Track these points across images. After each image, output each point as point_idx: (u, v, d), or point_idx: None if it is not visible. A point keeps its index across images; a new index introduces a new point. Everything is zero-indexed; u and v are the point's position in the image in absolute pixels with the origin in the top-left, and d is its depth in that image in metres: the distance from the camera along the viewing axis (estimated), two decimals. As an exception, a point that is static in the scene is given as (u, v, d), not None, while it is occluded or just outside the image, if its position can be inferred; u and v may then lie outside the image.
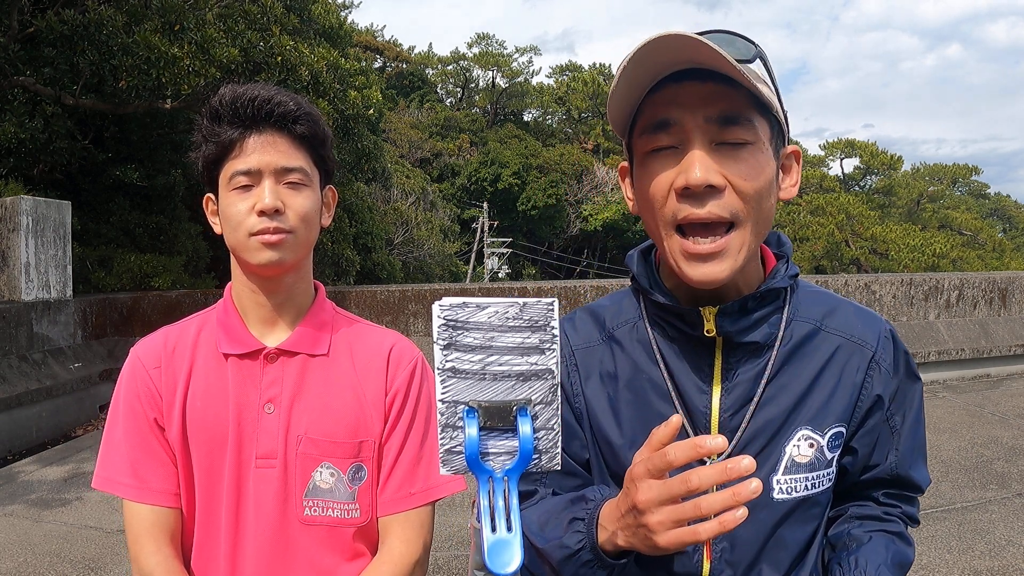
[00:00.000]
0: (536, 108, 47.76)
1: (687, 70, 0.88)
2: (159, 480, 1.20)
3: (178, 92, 7.95)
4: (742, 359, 0.99)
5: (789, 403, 0.99)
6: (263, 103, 1.15)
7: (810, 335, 1.02)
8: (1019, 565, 3.54)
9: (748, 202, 0.89)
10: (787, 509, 0.99)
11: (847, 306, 1.07)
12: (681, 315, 0.99)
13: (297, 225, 1.17)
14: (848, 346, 1.02)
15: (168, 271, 9.35)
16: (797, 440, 0.99)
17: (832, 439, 1.00)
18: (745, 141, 0.89)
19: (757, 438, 0.98)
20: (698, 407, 0.99)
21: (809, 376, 1.00)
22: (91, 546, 3.94)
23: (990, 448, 5.40)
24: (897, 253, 23.87)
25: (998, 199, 52.24)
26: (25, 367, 6.19)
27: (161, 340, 1.25)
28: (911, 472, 1.07)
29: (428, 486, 1.25)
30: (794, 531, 1.00)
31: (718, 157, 0.88)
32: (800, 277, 1.07)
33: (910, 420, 1.07)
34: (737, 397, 0.99)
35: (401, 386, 1.26)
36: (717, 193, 0.88)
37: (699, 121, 0.88)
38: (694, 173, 0.86)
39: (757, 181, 0.89)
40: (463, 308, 0.85)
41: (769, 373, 0.99)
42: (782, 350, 1.00)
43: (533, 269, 39.94)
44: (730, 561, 0.99)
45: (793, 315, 1.02)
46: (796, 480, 0.99)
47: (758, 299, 0.97)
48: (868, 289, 7.74)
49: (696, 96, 0.88)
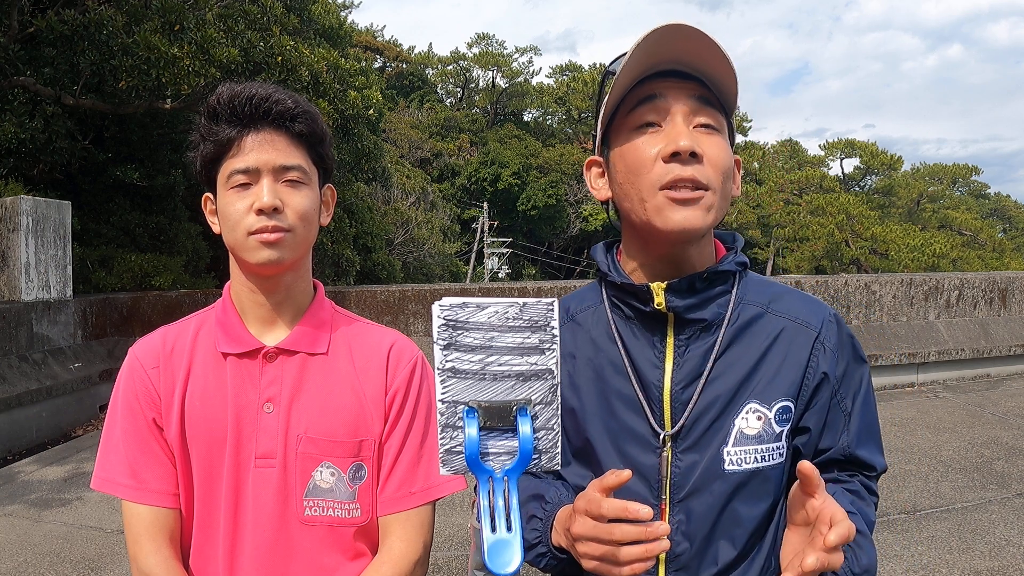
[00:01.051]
0: (536, 108, 47.75)
1: (670, 71, 1.03)
2: (158, 480, 1.20)
3: (178, 92, 7.95)
4: (692, 336, 1.08)
5: (737, 378, 1.06)
6: (261, 101, 1.15)
7: (757, 317, 1.10)
8: (1019, 565, 3.54)
9: (718, 175, 1.03)
10: (739, 481, 1.05)
11: (793, 293, 1.15)
12: (635, 293, 1.08)
13: (296, 223, 1.16)
14: (793, 327, 1.10)
15: (168, 271, 9.35)
16: (745, 413, 1.06)
17: (779, 412, 1.07)
18: (715, 127, 1.05)
19: (708, 411, 1.06)
20: (652, 381, 1.08)
21: (756, 353, 1.08)
22: (91, 546, 3.94)
23: (990, 448, 5.39)
24: (897, 253, 23.86)
25: (998, 199, 52.21)
26: (25, 367, 6.19)
27: (159, 340, 1.25)
28: (861, 452, 1.12)
29: (428, 485, 1.25)
30: (748, 507, 1.06)
31: (695, 135, 1.03)
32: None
33: (859, 401, 1.12)
34: (688, 372, 1.07)
35: (401, 385, 1.25)
36: (698, 160, 1.02)
37: (682, 97, 1.03)
38: (683, 141, 1.01)
39: (725, 160, 1.04)
40: (463, 308, 0.85)
41: (718, 350, 1.07)
42: (730, 329, 1.08)
43: (533, 269, 39.94)
44: (686, 533, 1.05)
45: (741, 298, 1.11)
46: (746, 452, 1.05)
47: (705, 280, 1.06)
48: (868, 289, 7.73)
49: (678, 89, 1.04)
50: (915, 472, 4.89)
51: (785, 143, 47.87)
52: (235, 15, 8.43)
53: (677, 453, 1.06)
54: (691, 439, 1.06)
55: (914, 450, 5.36)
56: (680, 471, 1.05)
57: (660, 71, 1.04)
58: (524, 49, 46.63)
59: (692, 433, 1.06)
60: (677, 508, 1.06)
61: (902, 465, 5.02)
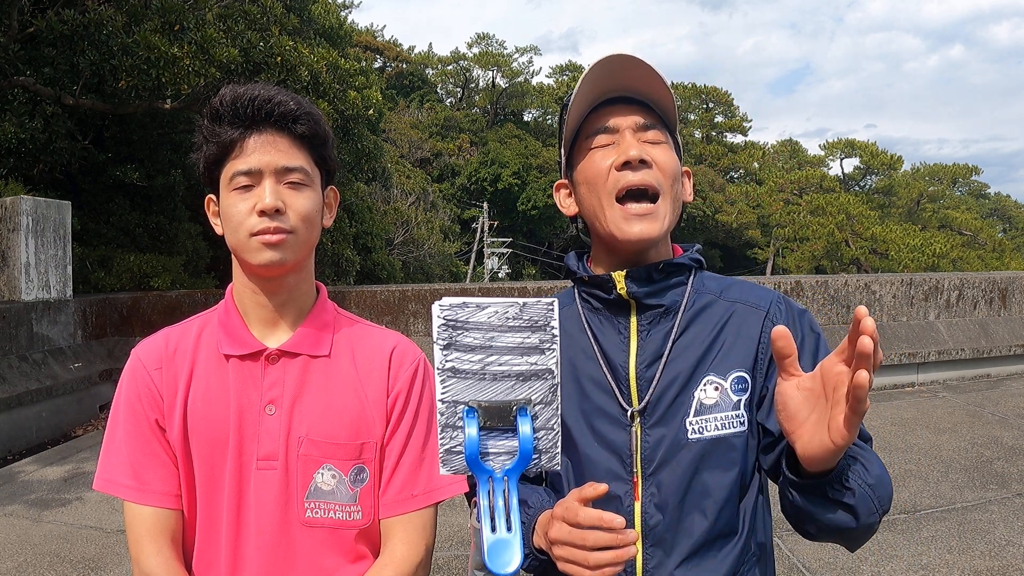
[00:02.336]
0: (536, 108, 47.73)
1: (617, 98, 1.18)
2: (160, 481, 1.20)
3: (178, 92, 7.95)
4: (653, 321, 1.19)
5: (695, 356, 1.17)
6: (263, 103, 1.15)
7: (710, 303, 1.22)
8: (1019, 565, 3.54)
9: (667, 179, 1.17)
10: (702, 449, 1.13)
11: (743, 283, 1.28)
12: (599, 284, 1.21)
13: (298, 225, 1.16)
14: (743, 309, 1.21)
15: (168, 271, 9.35)
16: (703, 385, 1.15)
17: (735, 382, 1.16)
18: (660, 141, 1.19)
19: (670, 387, 1.16)
20: (619, 363, 1.18)
21: (712, 333, 1.19)
22: (91, 546, 3.94)
23: (990, 448, 5.40)
24: (897, 253, 23.85)
25: (998, 199, 52.21)
26: (25, 367, 6.19)
27: (162, 341, 1.25)
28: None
29: (430, 488, 1.25)
30: (715, 476, 1.13)
31: (643, 146, 1.17)
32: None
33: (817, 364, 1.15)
34: (650, 353, 1.18)
35: (403, 387, 1.25)
36: (647, 166, 1.15)
37: (629, 124, 1.18)
38: (632, 151, 1.15)
39: (672, 166, 1.18)
40: (463, 308, 0.85)
41: (676, 332, 1.19)
42: (687, 314, 1.20)
43: (533, 269, 39.93)
44: (659, 505, 1.13)
45: (697, 289, 1.23)
46: (706, 420, 1.14)
47: (661, 271, 1.19)
48: (868, 289, 7.73)
49: (626, 111, 1.19)
50: (915, 472, 4.89)
51: (785, 143, 47.90)
52: (235, 15, 8.43)
53: (645, 429, 1.15)
54: (657, 414, 1.15)
55: (914, 450, 5.37)
56: (649, 445, 1.14)
57: (609, 98, 1.19)
58: (524, 49, 46.67)
59: (658, 408, 1.15)
60: (649, 481, 1.14)
61: (902, 465, 5.02)
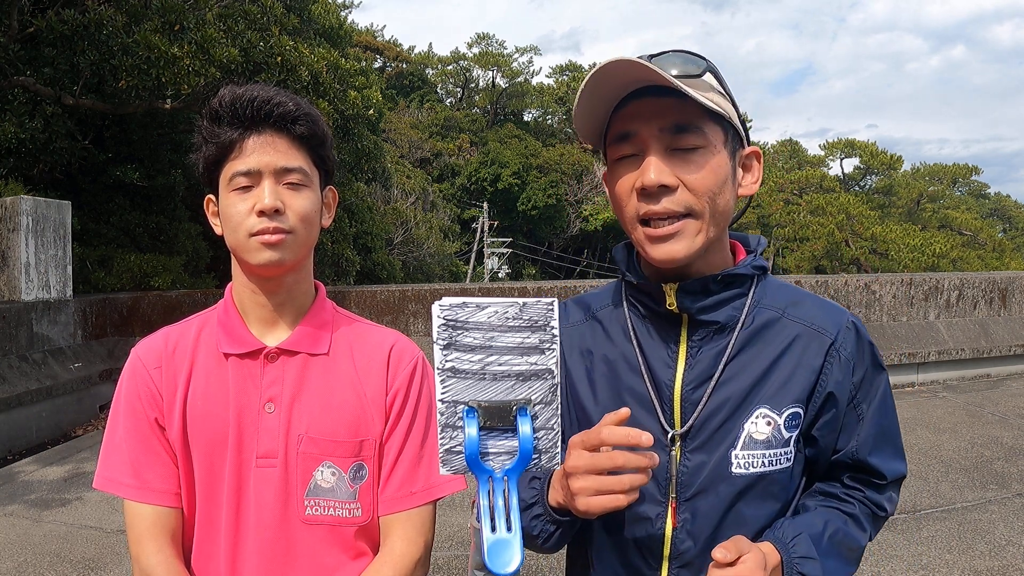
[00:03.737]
0: (536, 108, 47.74)
1: (647, 87, 1.01)
2: (160, 480, 1.20)
3: (178, 92, 7.95)
4: (705, 338, 1.08)
5: (749, 382, 1.06)
6: (262, 104, 1.15)
7: (772, 321, 1.10)
8: (1019, 565, 3.54)
9: (701, 197, 1.01)
10: (745, 484, 1.05)
11: (811, 299, 1.14)
12: (649, 292, 1.10)
13: (297, 225, 1.17)
14: (808, 333, 1.09)
15: (168, 271, 9.35)
16: (755, 418, 1.06)
17: (789, 419, 1.07)
18: (696, 146, 1.01)
19: (717, 413, 1.06)
20: (663, 380, 1.09)
21: (769, 358, 1.08)
22: (91, 546, 3.94)
23: (990, 448, 5.40)
24: (897, 253, 23.83)
25: (998, 199, 52.20)
26: (25, 367, 6.19)
27: (162, 340, 1.25)
28: (871, 458, 1.11)
29: (429, 485, 1.25)
30: (753, 508, 1.06)
31: (672, 161, 1.01)
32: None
33: (873, 407, 1.12)
34: (699, 373, 1.07)
35: (402, 385, 1.26)
36: (670, 192, 1.01)
37: (654, 131, 1.01)
38: (649, 176, 1.00)
39: (708, 180, 1.01)
40: (463, 308, 0.85)
41: (730, 353, 1.07)
42: (743, 333, 1.08)
43: (533, 269, 39.93)
44: (691, 532, 1.06)
45: (758, 302, 1.10)
46: (753, 456, 1.05)
47: (719, 282, 1.06)
48: (868, 289, 7.73)
49: (652, 109, 1.01)
50: (915, 472, 4.89)
51: (785, 143, 47.89)
52: (235, 15, 8.43)
53: (686, 453, 1.06)
54: (699, 440, 1.06)
55: (914, 450, 5.37)
56: (688, 471, 1.06)
57: (639, 89, 1.02)
58: (524, 49, 46.64)
59: (701, 434, 1.06)
60: (683, 507, 1.06)
61: (902, 465, 5.02)
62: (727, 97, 1.06)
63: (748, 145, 1.11)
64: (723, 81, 1.06)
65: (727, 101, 1.05)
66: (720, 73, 1.06)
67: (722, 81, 1.06)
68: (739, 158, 1.08)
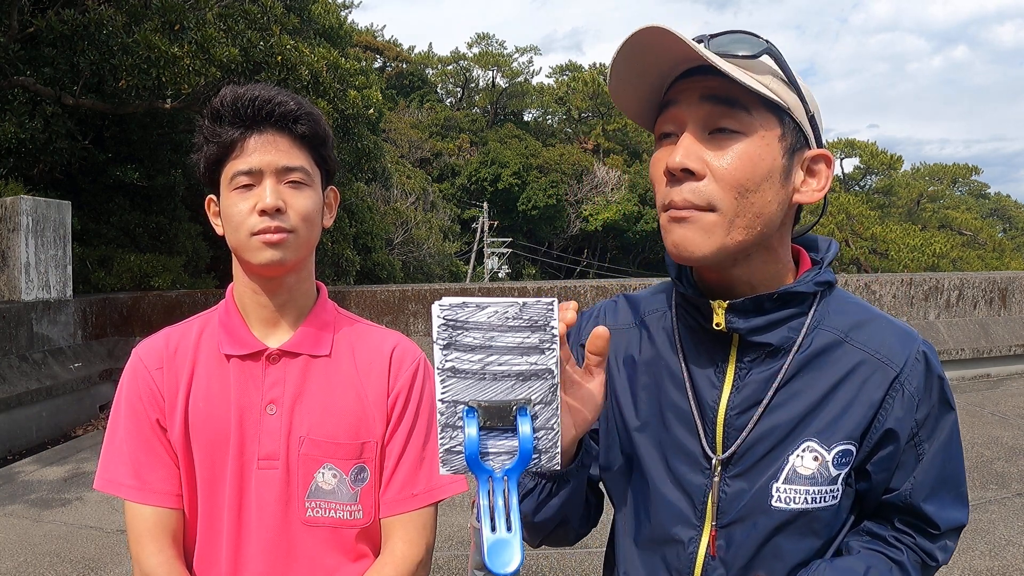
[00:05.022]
0: (536, 108, 47.76)
1: (698, 67, 0.91)
2: (161, 481, 1.20)
3: (178, 92, 7.95)
4: (756, 360, 0.99)
5: (799, 412, 0.97)
6: (264, 103, 1.15)
7: (832, 345, 0.99)
8: (1019, 565, 3.54)
9: (728, 191, 0.90)
10: (785, 519, 0.98)
11: (880, 321, 1.02)
12: (698, 306, 1.00)
13: (298, 224, 1.17)
14: (871, 362, 0.98)
15: (168, 271, 9.35)
16: (801, 451, 0.97)
17: (839, 456, 0.97)
18: (736, 130, 0.90)
19: (762, 441, 0.98)
20: (708, 401, 1.00)
21: (824, 387, 0.98)
22: (91, 546, 3.94)
23: (990, 448, 5.40)
24: (897, 253, 23.84)
25: (998, 199, 52.21)
26: (25, 367, 6.19)
27: (163, 341, 1.25)
28: (925, 505, 1.01)
29: (431, 487, 1.25)
30: (792, 543, 0.99)
31: (707, 144, 0.91)
32: (840, 287, 1.05)
33: (935, 448, 1.01)
34: (746, 397, 0.99)
35: (403, 387, 1.26)
36: (695, 179, 0.90)
37: (694, 99, 0.91)
38: (674, 158, 0.90)
39: (740, 172, 0.90)
40: (463, 308, 0.85)
41: (781, 378, 0.98)
42: (799, 357, 0.98)
43: (533, 269, 39.93)
44: (724, 560, 1.00)
45: (818, 323, 0.99)
46: (796, 491, 0.97)
47: (775, 300, 0.96)
48: (868, 289, 7.74)
49: (699, 84, 0.91)
50: (915, 472, 4.90)
51: (785, 143, 47.75)
52: (235, 15, 8.43)
53: (726, 478, 1.00)
54: (741, 467, 0.99)
55: (914, 450, 5.37)
56: (727, 497, 1.00)
57: (691, 68, 0.92)
58: (524, 49, 46.68)
59: (743, 461, 0.99)
60: (719, 533, 1.00)
61: (902, 465, 5.03)
62: (791, 86, 0.94)
63: (819, 147, 0.97)
64: (787, 68, 0.93)
65: (789, 90, 0.93)
66: (784, 60, 0.93)
67: (785, 68, 0.93)
68: (800, 159, 0.95)
